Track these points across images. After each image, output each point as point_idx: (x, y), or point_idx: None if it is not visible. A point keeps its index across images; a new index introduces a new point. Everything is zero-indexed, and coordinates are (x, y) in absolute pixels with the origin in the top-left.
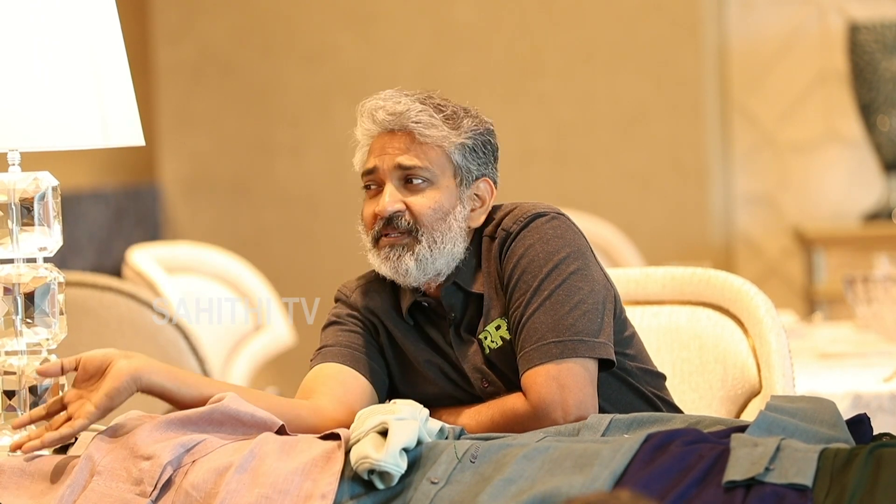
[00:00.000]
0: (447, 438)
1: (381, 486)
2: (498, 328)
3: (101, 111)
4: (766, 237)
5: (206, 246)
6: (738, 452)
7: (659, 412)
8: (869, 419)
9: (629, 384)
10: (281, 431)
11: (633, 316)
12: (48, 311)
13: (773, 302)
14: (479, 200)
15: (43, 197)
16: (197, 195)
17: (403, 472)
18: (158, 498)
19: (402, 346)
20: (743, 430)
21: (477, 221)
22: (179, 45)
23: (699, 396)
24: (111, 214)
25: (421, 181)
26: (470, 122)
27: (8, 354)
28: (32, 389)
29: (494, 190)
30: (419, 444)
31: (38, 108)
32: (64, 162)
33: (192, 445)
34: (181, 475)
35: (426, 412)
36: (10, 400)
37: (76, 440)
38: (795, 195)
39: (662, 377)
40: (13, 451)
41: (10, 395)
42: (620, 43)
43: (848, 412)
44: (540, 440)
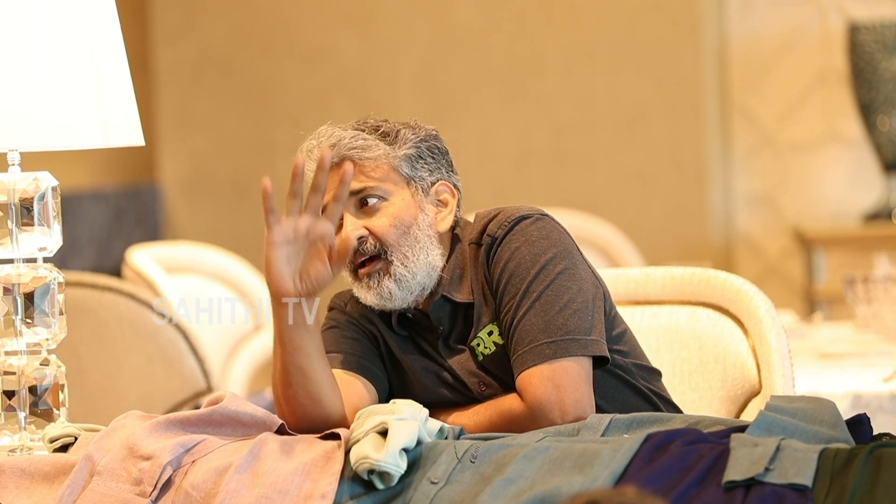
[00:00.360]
0: (447, 438)
1: (380, 486)
2: (490, 334)
3: (100, 111)
4: (766, 237)
5: (205, 246)
6: (737, 452)
7: (659, 412)
8: (869, 419)
9: (624, 380)
10: (281, 431)
11: (632, 316)
12: (48, 311)
13: (773, 302)
14: (441, 204)
15: (43, 197)
16: (197, 195)
17: (403, 472)
18: (158, 498)
19: (398, 355)
20: (743, 430)
21: (445, 225)
22: (179, 45)
23: (699, 396)
24: (111, 214)
25: (376, 199)
26: (408, 132)
27: (8, 354)
28: (32, 389)
29: (455, 191)
30: (419, 444)
31: (38, 108)
32: (64, 162)
33: (191, 445)
34: (181, 475)
35: (426, 412)
36: (9, 400)
37: (76, 440)
38: (795, 195)
39: (658, 373)
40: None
41: (10, 395)
42: (620, 43)
43: (848, 412)
44: (540, 440)
